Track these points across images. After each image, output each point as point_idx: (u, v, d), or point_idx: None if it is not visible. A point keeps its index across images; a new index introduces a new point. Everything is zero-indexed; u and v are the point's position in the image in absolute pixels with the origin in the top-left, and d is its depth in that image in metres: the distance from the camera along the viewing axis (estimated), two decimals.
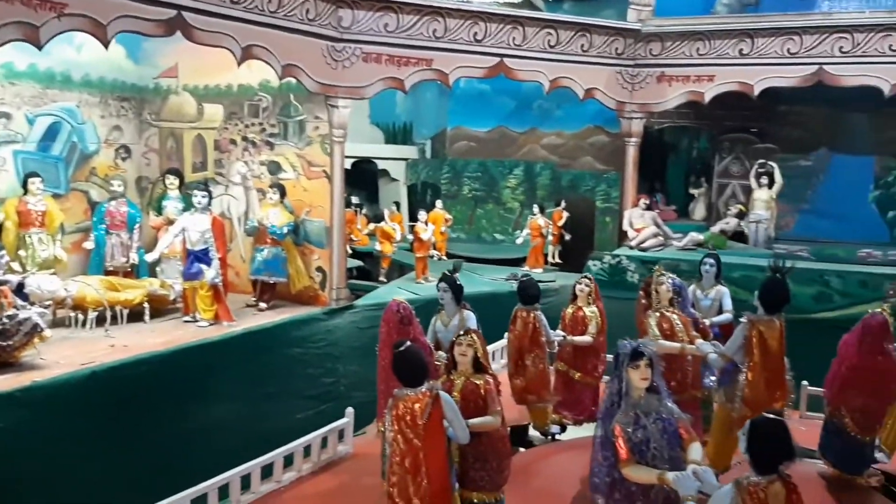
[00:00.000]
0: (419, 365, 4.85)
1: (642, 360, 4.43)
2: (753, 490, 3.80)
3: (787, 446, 3.84)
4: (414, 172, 18.91)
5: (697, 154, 17.08)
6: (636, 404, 4.45)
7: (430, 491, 4.71)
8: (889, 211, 13.77)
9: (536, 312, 7.22)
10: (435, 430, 4.74)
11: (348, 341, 11.58)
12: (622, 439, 4.34)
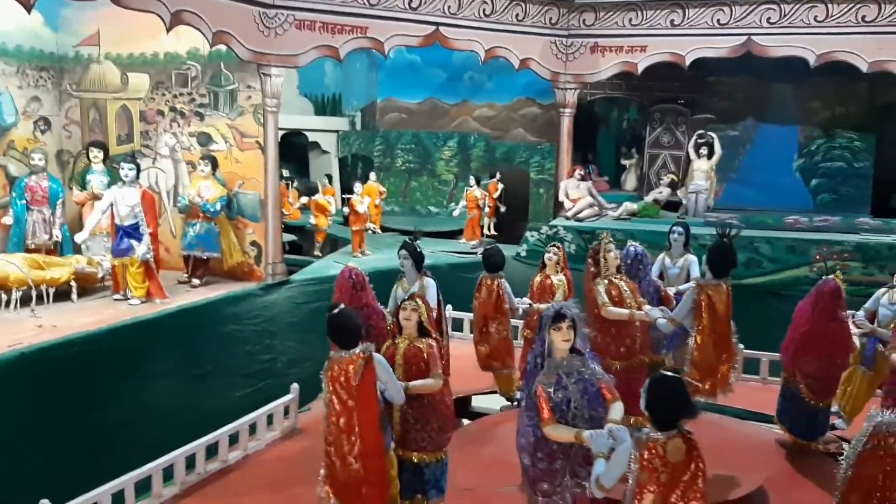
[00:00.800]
0: (352, 328, 4.91)
1: (564, 321, 4.46)
2: (653, 446, 3.84)
3: (685, 403, 3.89)
4: (345, 145, 18.62)
5: (628, 125, 17.27)
6: (558, 365, 4.49)
7: (363, 450, 4.82)
8: (812, 179, 14.19)
9: (500, 280, 7.32)
10: (368, 392, 4.82)
11: (285, 317, 11.38)
12: (543, 400, 4.38)
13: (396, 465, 5.21)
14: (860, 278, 11.18)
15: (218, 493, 6.19)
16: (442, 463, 5.52)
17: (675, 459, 3.83)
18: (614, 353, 6.41)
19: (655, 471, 3.83)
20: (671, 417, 3.86)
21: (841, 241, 11.54)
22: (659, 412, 3.88)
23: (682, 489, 3.86)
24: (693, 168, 13.43)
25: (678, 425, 3.87)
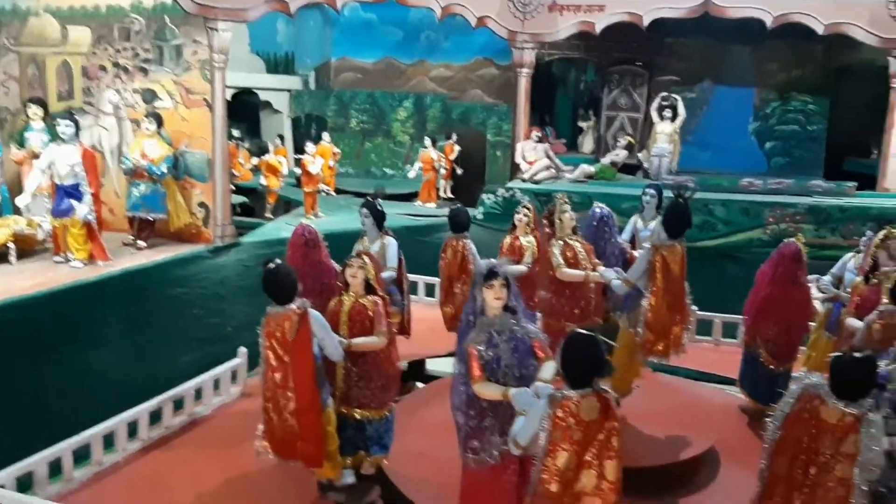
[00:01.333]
0: (288, 283, 4.94)
1: (496, 279, 4.42)
2: (566, 404, 3.80)
3: (599, 362, 3.84)
4: (298, 104, 18.21)
5: (585, 87, 17.14)
6: (491, 324, 4.44)
7: (298, 406, 4.91)
8: (767, 142, 14.25)
9: (466, 241, 7.20)
10: (303, 347, 4.87)
11: (235, 280, 11.12)
12: (474, 358, 4.35)
13: (334, 422, 5.25)
14: (812, 240, 11.20)
15: (160, 459, 5.98)
16: (385, 421, 5.56)
17: (589, 418, 3.79)
18: (569, 315, 6.30)
19: (569, 429, 3.80)
20: (585, 376, 3.83)
21: (794, 204, 11.61)
22: (573, 370, 3.84)
23: (596, 448, 3.84)
24: (656, 131, 13.26)
25: (593, 384, 3.83)
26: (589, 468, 3.84)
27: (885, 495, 4.31)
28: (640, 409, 6.35)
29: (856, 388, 3.94)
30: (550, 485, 3.83)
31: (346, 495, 5.59)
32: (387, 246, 6.81)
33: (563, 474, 3.83)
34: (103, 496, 5.36)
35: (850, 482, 3.94)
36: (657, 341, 5.91)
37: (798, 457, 4.11)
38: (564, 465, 3.83)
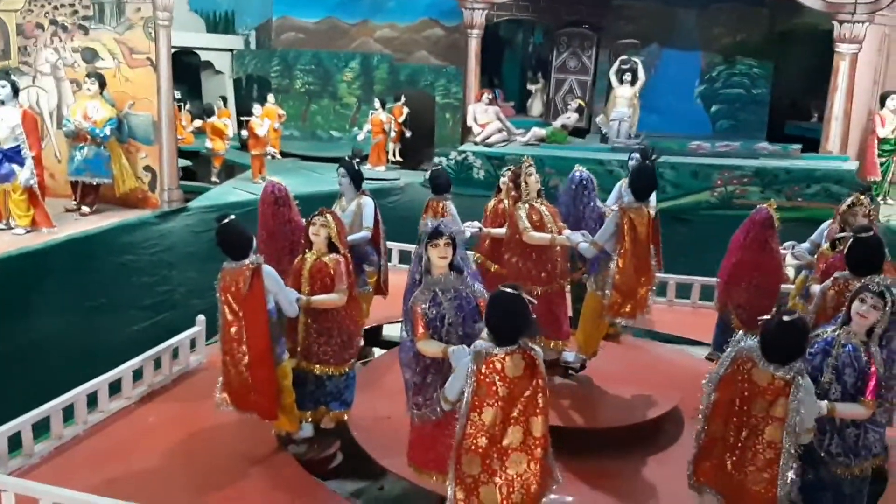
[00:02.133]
0: (241, 238, 5.13)
1: (442, 238, 4.53)
2: (491, 361, 3.89)
3: (525, 319, 3.93)
4: (240, 65, 17.66)
5: (533, 49, 17.05)
6: (436, 282, 4.58)
7: (251, 359, 5.10)
8: (713, 105, 14.42)
9: (446, 202, 7.28)
10: (255, 302, 5.06)
11: (183, 246, 10.86)
12: (418, 316, 4.50)
13: (290, 376, 5.44)
14: (758, 202, 11.36)
15: (123, 430, 5.90)
16: (346, 377, 5.75)
17: (514, 375, 3.89)
18: (535, 279, 6.31)
19: (493, 385, 3.89)
20: (511, 332, 3.91)
21: (741, 166, 11.82)
22: (498, 328, 3.92)
23: (523, 405, 3.93)
24: (615, 95, 13.12)
25: (519, 341, 3.92)
26: (516, 424, 3.94)
27: (826, 460, 4.48)
28: (606, 370, 6.47)
29: (785, 352, 4.01)
30: (478, 439, 3.93)
31: (307, 448, 5.75)
32: (363, 206, 6.87)
33: (490, 429, 3.92)
34: (65, 469, 5.27)
35: (779, 445, 4.04)
36: (624, 303, 5.99)
37: (731, 419, 4.19)
38: (491, 420, 3.91)
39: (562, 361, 6.50)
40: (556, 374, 6.42)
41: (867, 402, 4.27)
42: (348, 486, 5.34)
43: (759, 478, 4.09)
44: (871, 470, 4.68)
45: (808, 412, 4.05)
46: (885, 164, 12.13)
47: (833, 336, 4.44)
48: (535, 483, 3.95)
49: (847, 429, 4.46)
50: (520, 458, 3.95)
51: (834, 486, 4.56)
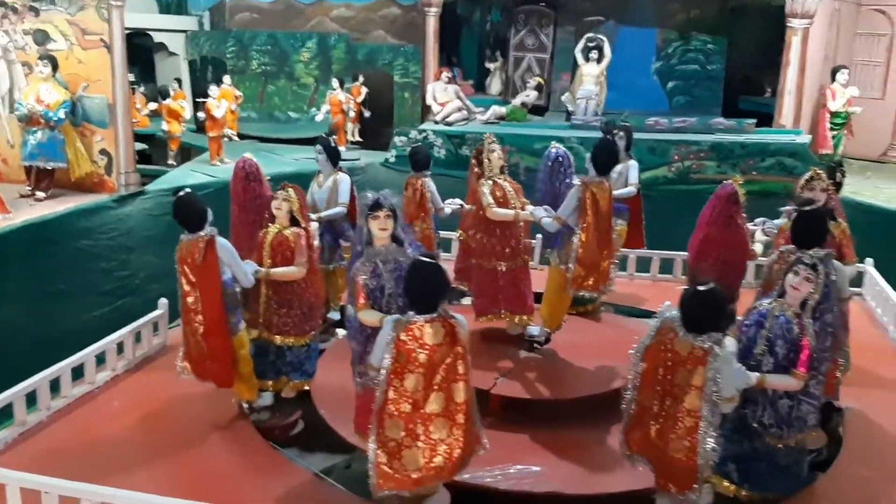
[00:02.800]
0: (196, 211, 5.26)
1: (382, 210, 4.63)
2: (410, 329, 4.03)
3: (442, 287, 4.10)
4: (194, 46, 17.40)
5: (491, 27, 17.02)
6: (377, 253, 4.67)
7: (205, 328, 5.28)
8: (669, 81, 14.57)
9: (425, 179, 7.27)
10: (209, 272, 5.22)
11: (142, 230, 10.74)
12: (359, 286, 4.59)
13: (247, 345, 5.60)
14: (714, 177, 11.68)
15: (87, 416, 5.81)
16: (307, 348, 5.89)
17: (434, 342, 4.04)
18: (500, 254, 6.37)
19: (414, 352, 4.03)
20: (428, 300, 4.07)
21: (698, 142, 11.98)
22: (416, 296, 4.08)
23: (444, 372, 4.07)
24: (582, 73, 13.09)
25: (439, 309, 4.08)
26: (439, 391, 4.09)
27: (759, 431, 4.54)
28: (570, 343, 6.55)
29: (702, 322, 4.10)
30: (401, 405, 4.08)
31: (269, 416, 5.86)
32: (339, 182, 7.00)
33: (413, 395, 4.07)
34: (29, 456, 5.19)
35: (698, 413, 4.12)
36: (587, 276, 6.05)
37: (656, 388, 4.27)
38: (413, 386, 4.07)
39: (527, 335, 6.57)
40: (521, 348, 6.49)
41: (798, 374, 4.33)
42: (316, 462, 5.34)
43: (681, 446, 4.18)
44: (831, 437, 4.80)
45: (726, 381, 4.10)
46: (836, 138, 12.43)
47: (768, 308, 4.50)
48: (458, 448, 4.11)
49: (780, 400, 4.50)
50: (443, 424, 4.10)
51: (768, 456, 4.60)
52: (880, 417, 5.86)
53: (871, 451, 5.48)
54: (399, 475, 4.09)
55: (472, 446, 4.24)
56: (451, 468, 4.15)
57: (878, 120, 13.48)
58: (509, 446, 5.39)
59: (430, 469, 4.09)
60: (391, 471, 4.09)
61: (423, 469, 4.09)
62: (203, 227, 5.26)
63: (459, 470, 4.25)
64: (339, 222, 7.14)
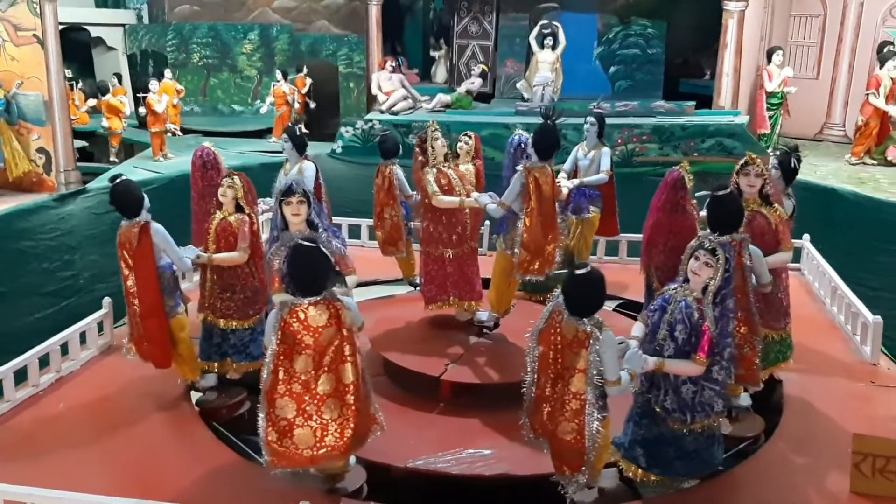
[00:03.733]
0: (132, 197, 5.42)
1: (294, 196, 4.82)
2: (295, 311, 4.16)
3: (323, 271, 4.23)
4: (133, 40, 17.07)
5: (434, 15, 17.00)
6: (291, 238, 4.74)
7: (141, 311, 5.49)
8: (611, 66, 14.71)
9: (393, 167, 7.26)
10: (143, 257, 5.42)
11: (85, 229, 10.54)
12: (275, 271, 4.70)
13: (187, 328, 5.77)
14: (657, 159, 11.92)
15: (30, 419, 5.71)
16: (251, 331, 5.96)
17: (318, 324, 4.16)
18: (446, 242, 6.42)
19: (298, 334, 4.14)
20: (311, 283, 4.19)
21: (640, 125, 12.14)
22: (299, 278, 4.19)
23: (332, 354, 4.20)
24: (537, 60, 13.12)
25: (324, 292, 4.21)
26: (329, 372, 4.20)
27: (663, 416, 4.55)
28: (519, 327, 6.57)
29: (583, 305, 4.19)
30: (292, 385, 4.19)
31: (216, 396, 6.04)
32: (304, 170, 7.03)
33: (302, 377, 4.19)
34: None
35: (583, 396, 4.20)
36: (533, 260, 6.11)
37: (547, 371, 4.34)
38: (302, 367, 4.18)
39: (476, 321, 6.64)
40: (471, 333, 6.55)
41: (698, 360, 4.32)
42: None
43: (569, 427, 4.28)
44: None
45: (608, 365, 4.18)
46: (773, 118, 12.71)
47: (672, 293, 4.51)
48: (348, 428, 4.21)
49: (684, 385, 4.47)
50: (334, 404, 4.20)
51: (675, 441, 4.58)
52: (817, 390, 6.05)
53: (805, 428, 5.61)
54: (291, 453, 4.20)
55: (365, 426, 4.37)
56: (343, 448, 4.24)
57: (813, 99, 13.81)
58: (461, 431, 5.47)
59: (321, 448, 4.20)
60: (283, 449, 4.19)
61: (314, 448, 4.20)
62: (140, 214, 5.41)
63: (353, 449, 4.39)
64: None
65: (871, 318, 6.62)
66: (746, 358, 5.18)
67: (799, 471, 5.12)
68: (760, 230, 5.37)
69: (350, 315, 4.24)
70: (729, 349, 4.49)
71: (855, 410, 5.84)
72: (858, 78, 13.37)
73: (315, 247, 4.18)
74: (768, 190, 5.47)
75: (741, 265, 4.94)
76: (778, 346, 5.70)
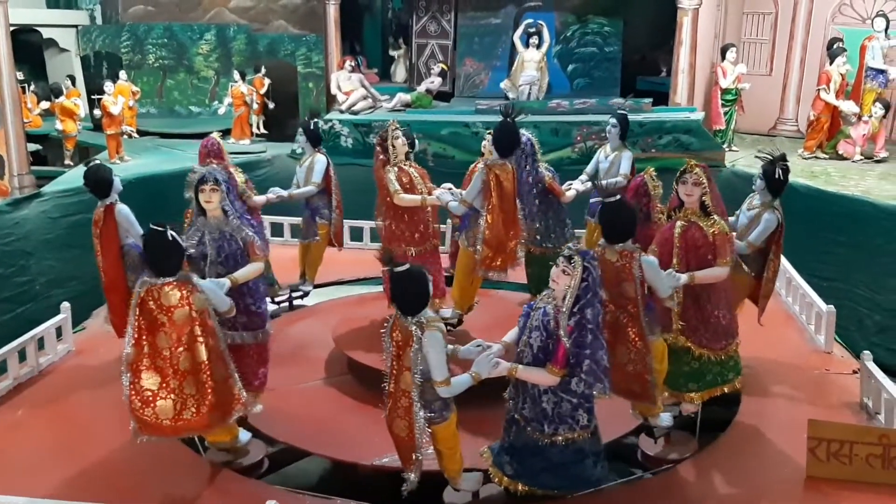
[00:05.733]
0: (102, 181, 5.90)
1: (207, 184, 5.12)
2: (151, 290, 4.50)
3: (168, 253, 4.54)
4: (87, 41, 16.76)
5: (393, 14, 16.96)
6: (205, 224, 5.22)
7: (104, 284, 6.02)
8: (569, 64, 14.80)
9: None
10: (108, 234, 5.94)
11: (40, 234, 10.35)
12: (187, 255, 5.01)
13: None
14: None
15: None
16: None
17: (169, 304, 4.49)
18: (409, 240, 6.46)
19: (153, 312, 4.49)
20: (164, 265, 4.52)
21: (598, 122, 12.17)
22: (152, 260, 4.54)
23: (188, 333, 4.51)
24: (523, 59, 13.12)
25: (179, 273, 4.54)
26: (186, 350, 4.51)
27: (522, 424, 4.51)
28: (482, 323, 6.66)
29: (405, 303, 4.29)
30: (157, 360, 4.50)
31: None
32: (314, 163, 7.59)
33: (166, 352, 4.50)
34: None
35: (410, 393, 4.32)
36: (495, 257, 6.17)
37: (392, 367, 4.45)
38: (163, 344, 4.50)
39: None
40: None
41: (551, 369, 4.21)
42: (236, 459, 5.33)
43: (402, 424, 4.41)
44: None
45: (433, 364, 4.25)
46: (728, 114, 12.92)
47: (538, 300, 4.46)
48: (205, 405, 4.53)
49: (544, 395, 4.35)
50: (193, 381, 4.52)
51: (540, 452, 4.47)
52: (774, 378, 6.21)
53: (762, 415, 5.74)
54: (153, 422, 4.53)
55: (226, 405, 4.68)
56: (202, 422, 4.58)
57: (766, 95, 14.08)
58: None
59: (179, 420, 4.53)
60: (145, 417, 4.51)
61: (173, 420, 4.52)
62: (108, 195, 5.92)
63: (214, 425, 4.70)
64: (314, 200, 7.71)
65: (825, 308, 6.80)
66: (639, 374, 4.92)
67: (756, 456, 5.24)
68: (694, 243, 5.16)
69: (200, 298, 4.55)
70: (588, 361, 4.24)
71: (810, 397, 6.00)
72: (810, 74, 13.65)
73: (165, 231, 4.50)
74: (707, 200, 5.17)
75: (631, 276, 4.76)
76: (717, 368, 5.38)
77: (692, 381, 5.35)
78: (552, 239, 7.28)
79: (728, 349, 5.38)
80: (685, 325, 5.25)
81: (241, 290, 5.22)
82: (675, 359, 5.30)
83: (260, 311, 5.50)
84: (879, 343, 8.79)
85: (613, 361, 4.60)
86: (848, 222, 9.75)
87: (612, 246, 4.82)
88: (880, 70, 12.06)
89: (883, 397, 5.52)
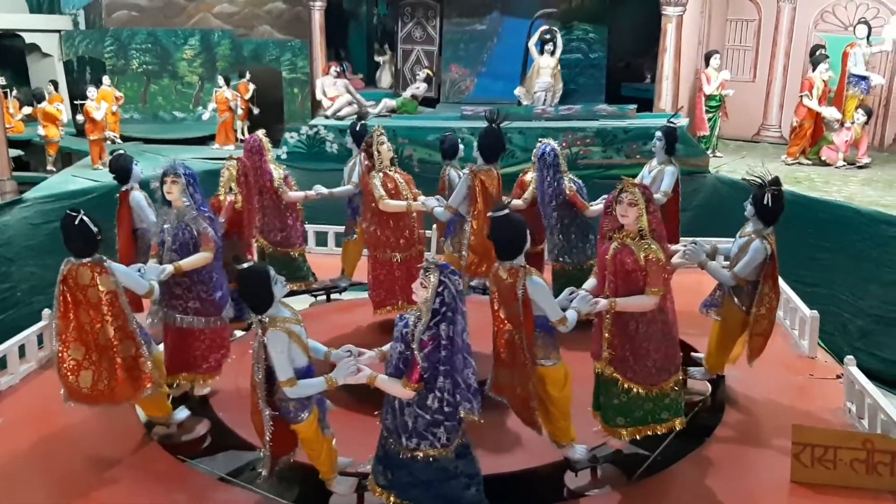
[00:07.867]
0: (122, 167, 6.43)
1: (168, 177, 5.49)
2: (71, 270, 4.86)
3: (85, 235, 4.84)
4: (70, 46, 16.66)
5: (378, 20, 16.97)
6: (166, 213, 5.62)
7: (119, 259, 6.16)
8: None
9: (449, 168, 7.22)
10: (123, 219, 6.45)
11: (22, 240, 10.26)
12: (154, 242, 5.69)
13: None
14: (601, 161, 12.08)
15: None
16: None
17: (83, 283, 4.85)
18: (394, 245, 6.46)
19: (73, 289, 4.85)
20: (79, 247, 4.87)
21: (584, 128, 12.29)
22: (68, 243, 4.86)
23: (101, 311, 4.88)
24: (538, 66, 13.18)
25: (94, 255, 4.90)
26: (102, 327, 4.91)
27: (384, 435, 4.41)
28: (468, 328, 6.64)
29: (252, 302, 4.39)
30: (82, 333, 4.90)
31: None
32: (355, 164, 7.71)
33: (86, 327, 4.88)
34: None
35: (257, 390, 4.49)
36: (481, 263, 6.19)
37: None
38: (85, 320, 4.89)
39: None
40: None
41: (406, 383, 4.10)
42: (220, 466, 5.28)
43: (257, 420, 4.57)
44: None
45: (277, 364, 4.26)
46: (712, 120, 12.99)
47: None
48: (114, 379, 4.95)
49: (406, 408, 4.20)
50: (106, 356, 4.94)
51: (406, 465, 4.32)
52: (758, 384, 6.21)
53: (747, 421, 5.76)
54: (76, 390, 4.99)
55: (136, 381, 5.03)
56: (116, 394, 5.01)
57: (750, 101, 14.16)
58: None
59: (96, 391, 4.98)
60: (71, 385, 4.97)
61: (91, 389, 4.97)
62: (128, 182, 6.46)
63: (126, 397, 5.10)
64: (355, 199, 7.71)
65: (809, 313, 6.82)
66: (525, 399, 4.72)
67: (741, 461, 5.25)
68: (623, 267, 4.70)
69: (106, 279, 4.87)
70: (443, 378, 4.11)
71: (794, 402, 6.02)
72: (793, 80, 13.75)
73: (76, 216, 4.81)
74: (643, 223, 4.71)
75: (514, 295, 4.52)
76: (650, 405, 4.93)
77: (620, 415, 4.96)
78: (573, 254, 6.89)
79: (663, 386, 4.92)
80: (612, 354, 4.86)
81: (192, 277, 5.61)
82: (605, 390, 5.00)
83: (213, 299, 5.74)
84: (862, 348, 8.85)
85: (509, 383, 4.64)
86: (831, 228, 9.81)
87: (503, 263, 4.62)
88: (862, 77, 12.14)
89: (866, 402, 5.54)
